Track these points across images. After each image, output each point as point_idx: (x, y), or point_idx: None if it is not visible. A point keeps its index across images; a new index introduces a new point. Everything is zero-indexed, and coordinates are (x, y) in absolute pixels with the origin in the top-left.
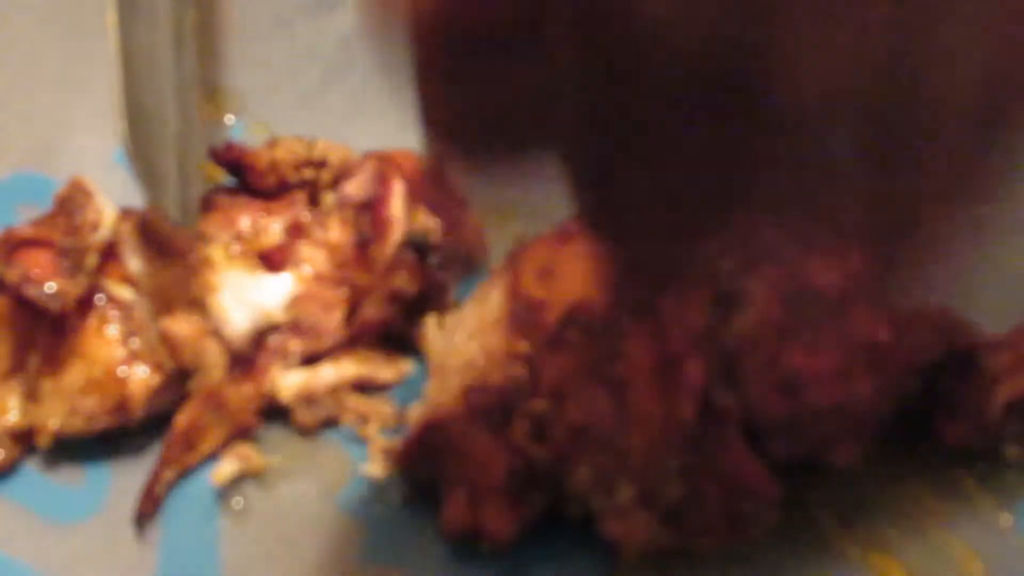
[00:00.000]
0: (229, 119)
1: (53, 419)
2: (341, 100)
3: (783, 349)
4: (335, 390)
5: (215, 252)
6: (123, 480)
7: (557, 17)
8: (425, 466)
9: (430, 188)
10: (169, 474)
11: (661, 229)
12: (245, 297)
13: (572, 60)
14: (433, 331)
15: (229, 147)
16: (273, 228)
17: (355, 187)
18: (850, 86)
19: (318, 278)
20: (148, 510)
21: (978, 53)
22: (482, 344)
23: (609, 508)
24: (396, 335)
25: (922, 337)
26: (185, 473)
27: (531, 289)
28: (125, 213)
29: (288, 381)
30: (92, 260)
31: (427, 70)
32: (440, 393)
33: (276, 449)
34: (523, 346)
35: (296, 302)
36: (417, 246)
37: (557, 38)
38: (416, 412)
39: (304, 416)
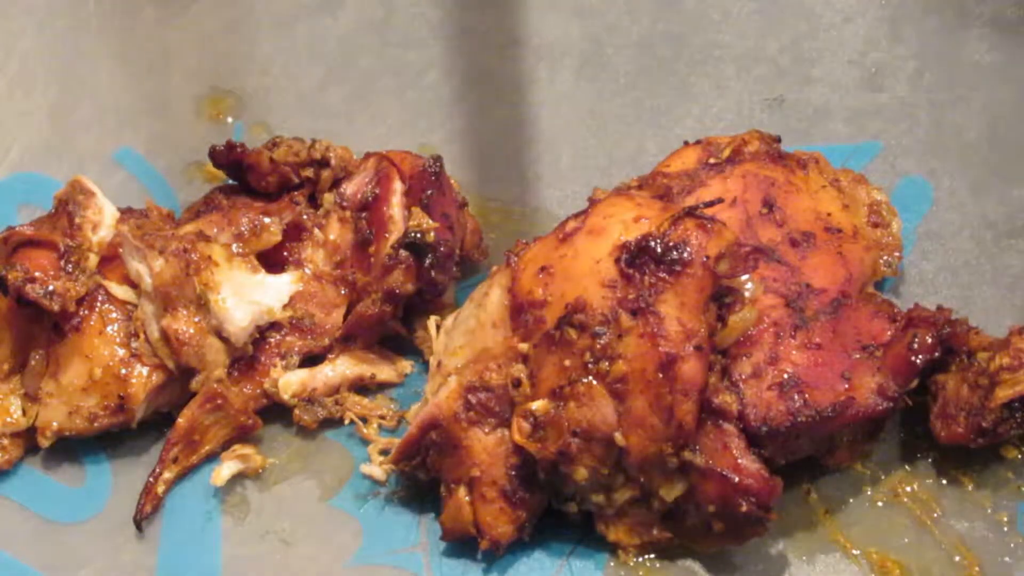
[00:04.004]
0: (229, 120)
1: (53, 419)
2: (341, 100)
3: (782, 349)
4: (335, 390)
5: (216, 252)
6: (123, 480)
7: None
8: (425, 466)
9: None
10: (169, 474)
11: None
12: (246, 296)
13: None
14: (433, 331)
15: (229, 147)
16: (273, 228)
17: (355, 187)
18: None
19: (318, 277)
20: (148, 510)
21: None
22: (482, 344)
23: (608, 507)
24: (396, 335)
25: (922, 337)
26: (185, 473)
27: (530, 289)
28: (125, 213)
29: (288, 381)
30: (92, 260)
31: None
32: (440, 393)
33: (276, 449)
34: (523, 346)
35: (296, 301)
36: (415, 246)
37: None
38: (416, 412)
39: (304, 416)
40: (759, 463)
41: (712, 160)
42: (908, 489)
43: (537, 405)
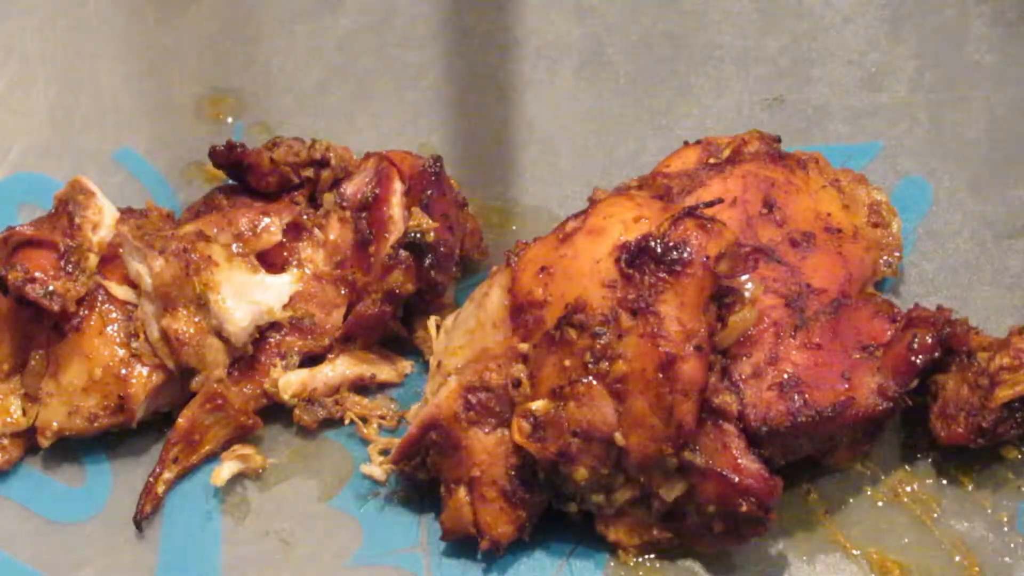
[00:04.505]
0: (229, 120)
1: (53, 419)
2: (341, 100)
3: (782, 349)
4: (335, 390)
5: (216, 252)
6: (123, 480)
7: None
8: (425, 466)
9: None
10: (169, 474)
11: None
12: (246, 296)
13: None
14: (433, 331)
15: (229, 147)
16: (273, 228)
17: (355, 187)
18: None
19: (318, 277)
20: (148, 510)
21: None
22: (482, 344)
23: (608, 507)
24: (396, 335)
25: (922, 337)
26: (185, 473)
27: (530, 289)
28: (125, 213)
29: (288, 381)
30: (92, 260)
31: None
32: (440, 393)
33: (276, 449)
34: (523, 346)
35: (296, 301)
36: (415, 246)
37: None
38: (416, 412)
39: (304, 416)
40: (759, 463)
41: (712, 160)
42: (908, 489)
43: (537, 405)
